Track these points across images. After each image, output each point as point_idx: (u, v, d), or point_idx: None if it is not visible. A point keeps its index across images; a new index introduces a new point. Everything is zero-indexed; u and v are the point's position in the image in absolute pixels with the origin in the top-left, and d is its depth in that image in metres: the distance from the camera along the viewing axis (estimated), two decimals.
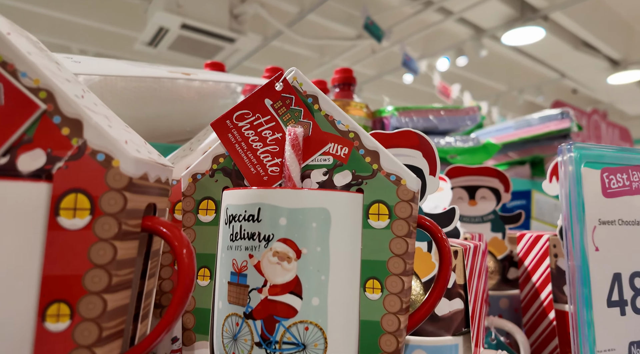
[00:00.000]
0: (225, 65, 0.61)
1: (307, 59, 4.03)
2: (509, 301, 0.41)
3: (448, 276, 0.21)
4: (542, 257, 0.37)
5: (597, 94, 4.60)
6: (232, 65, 3.40)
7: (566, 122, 0.69)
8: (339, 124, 0.23)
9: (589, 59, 3.63)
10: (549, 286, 0.37)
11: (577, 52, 3.50)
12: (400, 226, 0.21)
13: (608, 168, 0.28)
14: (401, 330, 0.20)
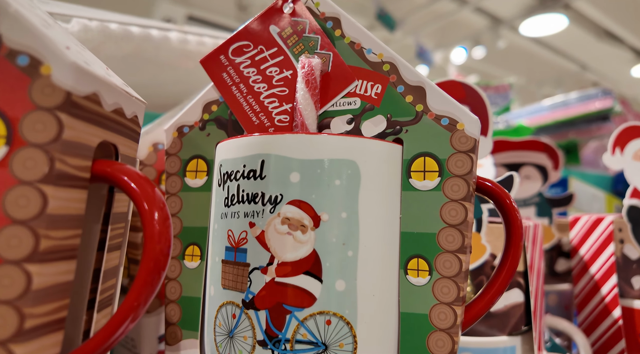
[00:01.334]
0: None
1: None
2: (557, 298, 0.35)
3: (518, 256, 0.16)
4: (604, 243, 0.31)
5: (620, 87, 4.42)
6: None
7: (608, 100, 0.62)
8: (369, 54, 0.17)
9: (612, 50, 3.48)
10: (613, 278, 0.30)
11: (599, 42, 3.36)
12: (457, 186, 0.15)
13: None
14: (457, 326, 0.15)
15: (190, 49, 0.36)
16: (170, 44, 0.34)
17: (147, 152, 0.23)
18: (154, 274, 0.11)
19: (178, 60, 0.36)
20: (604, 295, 0.31)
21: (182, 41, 0.34)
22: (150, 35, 0.31)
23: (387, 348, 0.14)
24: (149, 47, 0.33)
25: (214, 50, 0.19)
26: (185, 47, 0.36)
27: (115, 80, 0.13)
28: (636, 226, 0.28)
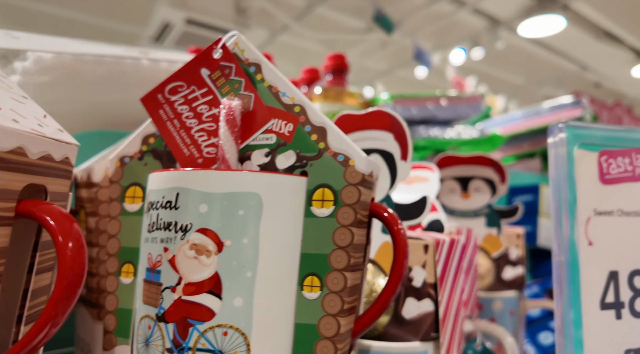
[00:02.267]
0: None
1: (316, 54, 3.98)
2: (503, 304, 0.38)
3: (401, 273, 0.18)
4: None
5: (621, 87, 4.40)
6: None
7: (578, 110, 0.64)
8: (283, 97, 0.20)
9: (611, 51, 3.47)
10: None
11: (599, 43, 3.35)
12: (346, 213, 0.18)
13: (607, 151, 0.24)
14: (341, 335, 0.17)
15: (162, 68, 0.39)
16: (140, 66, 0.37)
17: (115, 167, 0.25)
18: (68, 291, 0.14)
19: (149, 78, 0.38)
20: None
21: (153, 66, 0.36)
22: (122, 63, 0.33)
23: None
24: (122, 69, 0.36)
25: (152, 89, 0.21)
26: (157, 68, 0.38)
27: (47, 129, 0.16)
28: None
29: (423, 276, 0.24)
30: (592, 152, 0.24)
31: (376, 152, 0.27)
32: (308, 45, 3.72)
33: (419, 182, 0.39)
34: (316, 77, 0.68)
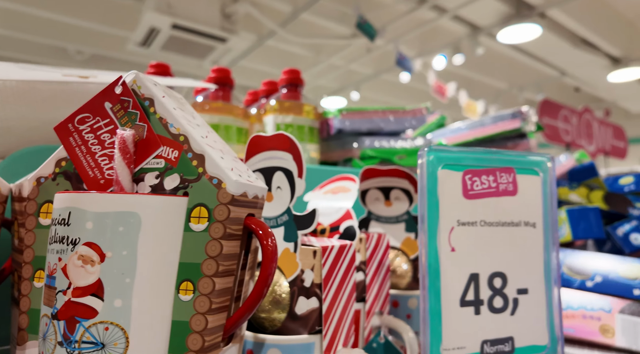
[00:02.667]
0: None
1: (303, 58, 4.02)
2: (417, 301, 0.41)
3: (267, 276, 0.22)
4: None
5: (599, 91, 4.52)
6: (226, 65, 3.42)
7: (516, 122, 0.68)
8: (171, 127, 0.23)
9: (588, 57, 3.57)
10: None
11: (576, 49, 3.45)
12: (217, 228, 0.21)
13: (471, 170, 0.28)
14: (209, 329, 0.20)
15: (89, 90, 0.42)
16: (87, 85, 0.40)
17: (32, 186, 0.28)
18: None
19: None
20: None
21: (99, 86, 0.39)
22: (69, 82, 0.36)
23: (157, 347, 0.20)
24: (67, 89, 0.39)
25: (64, 120, 0.24)
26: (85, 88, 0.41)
27: None
28: None
29: (311, 278, 0.28)
30: (457, 172, 0.28)
31: (280, 170, 0.30)
32: (294, 50, 3.76)
33: (342, 192, 0.42)
34: (274, 90, 0.72)
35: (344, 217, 0.39)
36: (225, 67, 0.65)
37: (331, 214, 0.40)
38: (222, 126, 0.62)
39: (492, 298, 0.28)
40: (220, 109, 0.63)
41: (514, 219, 0.29)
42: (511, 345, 0.28)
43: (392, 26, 3.08)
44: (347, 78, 4.63)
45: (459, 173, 0.28)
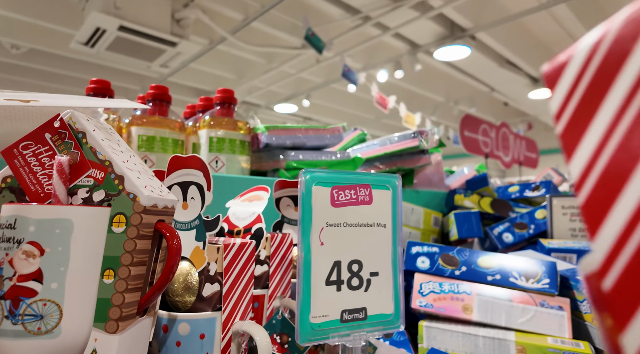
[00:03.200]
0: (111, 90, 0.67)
1: (255, 64, 4.08)
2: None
3: (171, 266, 0.30)
4: None
5: (523, 107, 5.05)
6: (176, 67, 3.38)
7: (415, 141, 0.81)
8: (99, 155, 0.31)
9: (512, 76, 3.99)
10: None
11: (502, 69, 3.84)
12: (132, 231, 0.29)
13: (337, 186, 0.38)
14: (126, 304, 0.28)
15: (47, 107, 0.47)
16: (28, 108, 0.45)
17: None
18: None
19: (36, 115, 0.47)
20: None
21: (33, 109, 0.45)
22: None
23: (85, 316, 0.28)
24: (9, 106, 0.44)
25: (10, 145, 0.31)
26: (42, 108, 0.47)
27: None
28: None
29: (215, 268, 0.36)
30: (327, 187, 0.38)
31: (193, 184, 0.38)
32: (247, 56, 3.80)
33: (257, 200, 0.51)
34: (210, 105, 0.79)
35: (256, 220, 0.48)
36: (162, 85, 0.71)
37: (246, 218, 0.49)
38: (159, 138, 0.69)
39: (351, 278, 0.38)
40: (157, 122, 0.69)
41: (369, 221, 0.40)
42: (364, 313, 0.38)
43: (339, 40, 3.24)
44: (298, 85, 4.75)
45: (328, 188, 0.38)
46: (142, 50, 2.80)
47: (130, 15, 2.47)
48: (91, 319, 0.28)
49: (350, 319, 0.37)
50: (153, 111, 0.70)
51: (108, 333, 0.28)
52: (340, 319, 0.37)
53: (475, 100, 4.80)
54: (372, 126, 6.67)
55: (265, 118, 6.06)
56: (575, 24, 3.02)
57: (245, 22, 2.92)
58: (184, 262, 0.37)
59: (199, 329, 0.35)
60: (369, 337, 0.38)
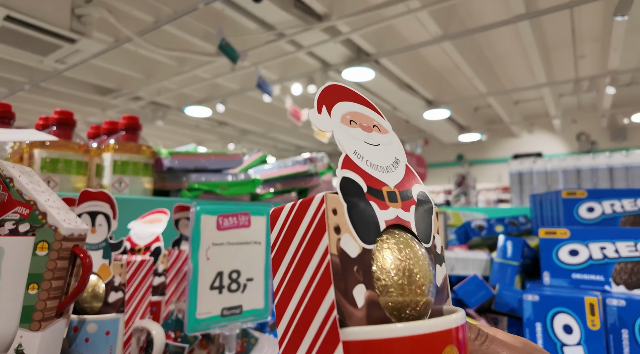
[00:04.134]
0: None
1: (166, 66, 3.96)
2: None
3: (84, 280, 0.40)
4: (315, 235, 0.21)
5: (421, 125, 5.74)
6: (75, 63, 3.13)
7: (305, 167, 0.98)
8: (24, 195, 0.39)
9: (410, 98, 4.54)
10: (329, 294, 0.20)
11: (401, 91, 4.35)
12: (54, 254, 0.39)
13: (222, 214, 0.52)
14: (47, 309, 0.38)
15: None
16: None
17: None
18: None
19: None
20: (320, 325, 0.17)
21: None
22: None
23: (12, 319, 0.37)
24: None
25: None
26: None
27: None
28: (353, 206, 0.19)
29: (119, 280, 0.47)
30: (213, 216, 0.51)
31: (101, 214, 0.48)
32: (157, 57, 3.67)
33: (157, 222, 0.62)
34: (115, 129, 0.85)
35: (155, 240, 0.59)
36: (67, 111, 0.76)
37: (147, 238, 0.59)
38: (63, 160, 0.74)
39: (230, 284, 0.52)
40: (61, 145, 0.74)
41: (247, 240, 0.54)
42: (240, 309, 0.52)
43: (254, 52, 3.35)
44: (213, 90, 4.71)
45: (214, 216, 0.51)
46: (34, 43, 2.56)
47: (21, 6, 2.26)
48: (17, 321, 0.37)
49: (228, 314, 0.51)
50: (57, 134, 0.75)
51: (32, 331, 0.37)
52: (221, 315, 0.50)
53: None
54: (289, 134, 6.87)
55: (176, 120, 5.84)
56: (459, 57, 3.59)
57: (157, 25, 2.86)
58: (93, 276, 0.47)
59: (104, 328, 0.45)
60: (243, 326, 0.52)
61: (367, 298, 0.18)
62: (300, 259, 0.18)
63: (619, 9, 2.55)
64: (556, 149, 6.57)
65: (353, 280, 0.18)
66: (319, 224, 0.18)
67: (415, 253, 0.20)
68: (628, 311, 0.65)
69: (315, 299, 0.17)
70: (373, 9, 2.69)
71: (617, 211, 0.87)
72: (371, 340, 0.17)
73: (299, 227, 0.19)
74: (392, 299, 0.19)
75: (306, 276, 0.18)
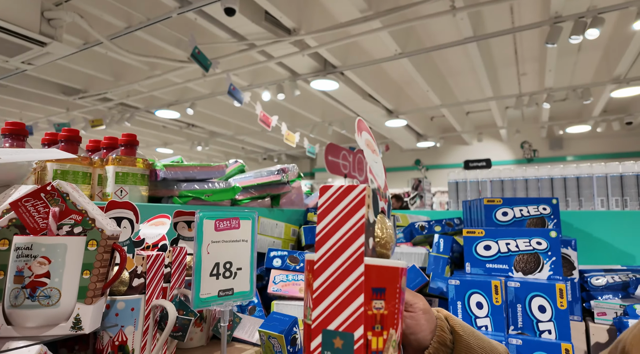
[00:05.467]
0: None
1: (136, 69, 3.96)
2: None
3: (122, 269, 0.55)
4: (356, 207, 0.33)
5: (382, 132, 6.06)
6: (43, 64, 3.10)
7: (278, 176, 1.15)
8: (78, 206, 0.54)
9: (372, 107, 4.81)
10: (360, 239, 0.33)
11: (364, 100, 4.61)
12: (101, 248, 0.53)
13: (219, 219, 0.68)
14: (96, 289, 0.52)
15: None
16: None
17: None
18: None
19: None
20: (351, 254, 0.31)
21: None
22: None
23: (72, 297, 0.51)
24: None
25: (16, 199, 0.51)
26: None
27: None
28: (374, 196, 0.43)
29: (141, 269, 0.61)
30: (212, 220, 0.67)
31: (126, 218, 0.63)
32: (127, 60, 3.68)
33: (161, 225, 0.76)
34: (115, 144, 0.98)
35: (161, 239, 0.73)
36: (75, 129, 0.88)
37: (154, 238, 0.74)
38: (72, 172, 0.86)
39: (225, 272, 0.68)
40: (69, 159, 0.86)
41: (237, 238, 0.70)
42: (232, 291, 0.68)
43: (226, 60, 3.46)
44: (183, 93, 4.74)
45: (213, 221, 0.67)
46: (1, 44, 2.53)
47: None
48: (76, 297, 0.51)
49: (223, 295, 0.67)
50: (65, 148, 0.87)
51: (86, 304, 0.51)
52: (217, 295, 0.66)
53: (345, 123, 5.56)
54: (258, 138, 6.96)
55: (143, 121, 5.77)
56: (415, 72, 3.89)
57: (128, 31, 2.91)
58: None
59: (130, 305, 0.60)
60: (234, 304, 0.68)
61: (373, 245, 0.37)
62: (345, 216, 0.32)
63: (549, 37, 2.94)
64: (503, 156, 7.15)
65: (369, 234, 0.35)
66: (360, 201, 0.33)
67: (388, 224, 0.43)
68: (522, 291, 0.87)
69: (351, 238, 0.31)
70: (338, 27, 2.91)
71: (524, 215, 1.10)
72: (373, 265, 0.34)
73: (345, 198, 0.33)
74: (379, 250, 0.41)
75: (348, 225, 0.31)
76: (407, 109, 5.15)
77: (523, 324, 0.86)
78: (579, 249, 1.24)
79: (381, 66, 4.33)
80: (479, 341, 0.40)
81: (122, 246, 0.62)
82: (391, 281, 0.33)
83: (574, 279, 1.01)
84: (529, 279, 0.90)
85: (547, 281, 0.88)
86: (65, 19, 2.45)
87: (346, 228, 0.31)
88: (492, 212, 1.12)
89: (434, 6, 2.77)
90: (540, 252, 0.93)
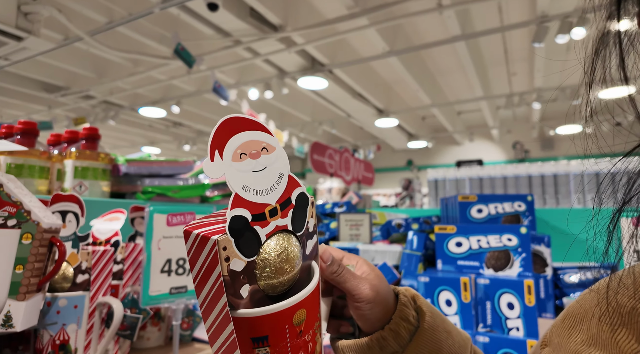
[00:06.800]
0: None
1: (119, 66, 3.91)
2: None
3: (59, 263, 0.52)
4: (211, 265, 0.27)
5: (374, 132, 6.05)
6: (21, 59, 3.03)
7: None
8: (12, 198, 0.51)
9: (362, 106, 4.80)
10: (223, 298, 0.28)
11: (354, 99, 4.59)
12: (36, 242, 0.50)
13: (171, 213, 0.65)
14: (31, 284, 0.50)
15: None
16: None
17: None
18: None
19: None
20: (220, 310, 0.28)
21: None
22: None
23: (2, 293, 0.48)
24: None
25: None
26: None
27: None
28: (239, 238, 0.26)
29: (86, 265, 0.59)
30: (164, 214, 0.64)
31: (71, 212, 0.60)
32: (110, 57, 3.62)
33: (115, 220, 0.74)
34: (76, 138, 0.95)
35: (114, 235, 0.70)
36: (30, 121, 0.85)
37: (107, 233, 0.71)
38: (27, 166, 0.83)
39: (177, 269, 0.65)
40: (25, 153, 0.83)
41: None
42: (185, 289, 0.66)
43: (211, 57, 3.42)
44: (168, 91, 4.68)
45: (164, 215, 0.64)
46: None
47: None
48: (6, 293, 0.48)
49: (176, 292, 0.65)
50: (21, 142, 0.84)
51: (18, 300, 0.49)
52: (169, 292, 0.64)
53: (336, 123, 5.54)
54: None
55: (128, 120, 5.70)
56: (404, 71, 3.88)
57: (110, 26, 2.86)
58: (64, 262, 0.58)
59: (73, 302, 0.57)
60: (187, 302, 0.66)
61: (250, 290, 0.27)
62: (206, 272, 0.27)
63: (536, 37, 2.95)
64: (495, 157, 7.19)
65: (239, 284, 0.27)
66: (213, 260, 0.26)
67: (285, 243, 0.29)
68: (491, 287, 0.86)
69: (216, 296, 0.27)
70: (325, 24, 2.89)
71: (499, 212, 1.09)
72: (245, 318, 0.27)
73: (199, 258, 0.26)
74: (266, 282, 0.28)
75: (211, 281, 0.27)
76: (398, 109, 5.15)
77: (492, 322, 0.85)
78: (556, 247, 1.24)
79: (370, 65, 4.33)
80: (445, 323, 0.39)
81: (66, 241, 0.59)
82: (275, 326, 0.28)
83: (546, 276, 1.00)
84: (498, 276, 0.88)
85: (517, 277, 0.87)
86: (42, 13, 2.40)
87: (210, 284, 0.27)
88: (466, 209, 1.11)
89: (420, 4, 2.76)
90: (510, 248, 0.92)
